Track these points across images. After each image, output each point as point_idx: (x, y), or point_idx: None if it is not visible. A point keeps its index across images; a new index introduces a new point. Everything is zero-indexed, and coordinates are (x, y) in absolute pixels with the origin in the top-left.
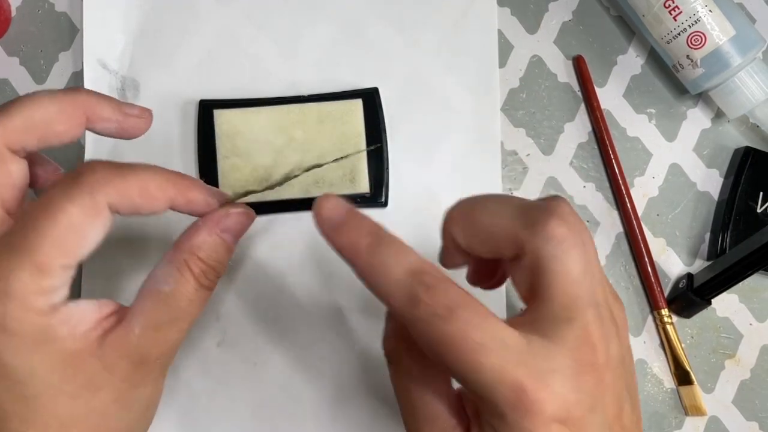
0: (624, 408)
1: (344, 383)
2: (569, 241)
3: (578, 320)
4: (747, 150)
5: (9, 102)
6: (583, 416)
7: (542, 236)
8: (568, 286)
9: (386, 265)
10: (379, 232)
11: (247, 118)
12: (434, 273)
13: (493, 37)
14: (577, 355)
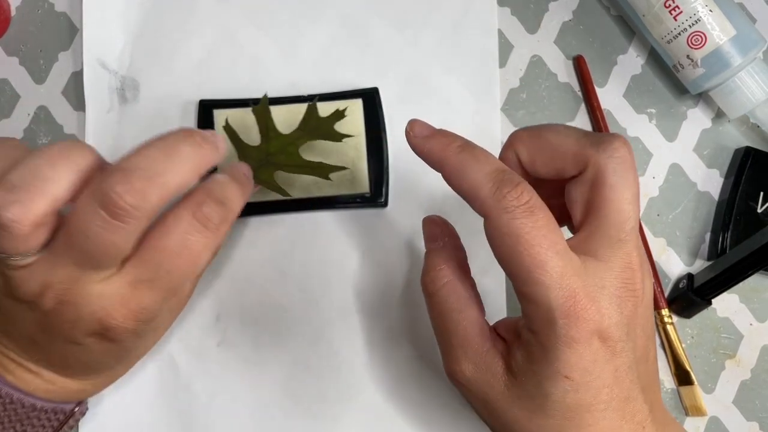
0: (650, 353)
1: (344, 383)
2: (629, 163)
3: (626, 243)
4: (747, 150)
5: (157, 159)
6: (620, 338)
7: (608, 152)
8: (623, 203)
9: (477, 161)
10: (468, 141)
11: (247, 118)
12: (518, 177)
13: (493, 37)
14: (622, 277)
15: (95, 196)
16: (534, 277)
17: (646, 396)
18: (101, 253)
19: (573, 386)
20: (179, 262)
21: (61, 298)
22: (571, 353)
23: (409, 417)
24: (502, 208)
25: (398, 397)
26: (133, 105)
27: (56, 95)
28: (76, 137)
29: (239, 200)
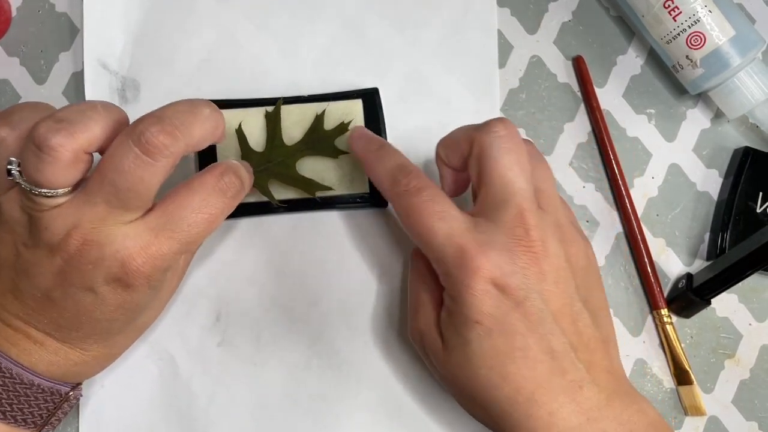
0: (580, 316)
1: (344, 383)
2: (505, 138)
3: (513, 204)
4: (746, 150)
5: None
6: (518, 287)
7: (486, 130)
8: (502, 169)
9: (383, 159)
10: (384, 143)
11: (248, 118)
12: (414, 168)
13: (492, 38)
14: (512, 233)
15: (131, 135)
16: (426, 240)
17: (580, 355)
18: (131, 189)
19: (485, 330)
20: (199, 218)
21: (87, 237)
22: (473, 298)
23: (409, 417)
24: (397, 193)
25: (398, 396)
26: (134, 105)
27: (57, 96)
28: None
29: (249, 182)
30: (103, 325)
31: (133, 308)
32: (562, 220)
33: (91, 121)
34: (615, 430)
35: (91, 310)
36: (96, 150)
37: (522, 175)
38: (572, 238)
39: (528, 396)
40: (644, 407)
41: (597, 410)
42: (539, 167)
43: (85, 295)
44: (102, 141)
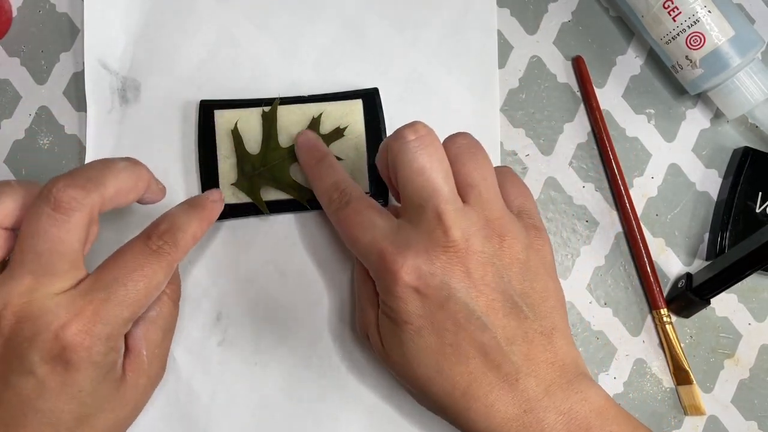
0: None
1: (344, 383)
2: (415, 142)
3: (429, 206)
4: (746, 150)
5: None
6: (438, 287)
7: (394, 138)
8: (413, 174)
9: (321, 177)
10: (325, 156)
11: (248, 118)
12: (348, 184)
13: (492, 38)
14: (430, 235)
15: (41, 197)
16: (355, 249)
17: (515, 348)
18: (51, 250)
19: (415, 330)
20: (135, 277)
21: (18, 313)
22: (398, 301)
23: (409, 417)
24: (331, 212)
25: (398, 396)
26: (134, 105)
27: (57, 96)
28: (78, 138)
29: (192, 227)
30: (48, 418)
31: (77, 395)
32: (493, 214)
33: (3, 195)
34: (554, 420)
35: (33, 398)
36: (12, 224)
37: (435, 176)
38: (505, 231)
39: (463, 390)
40: (588, 395)
41: (535, 401)
42: (469, 161)
43: (26, 380)
44: (16, 214)
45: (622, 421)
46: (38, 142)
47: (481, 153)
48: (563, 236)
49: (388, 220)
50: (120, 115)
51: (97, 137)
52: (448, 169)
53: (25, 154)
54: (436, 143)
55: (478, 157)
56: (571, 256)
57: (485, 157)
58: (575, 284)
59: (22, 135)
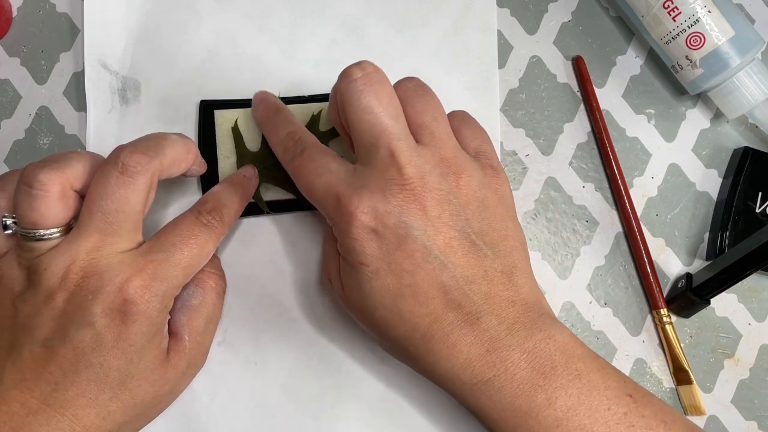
0: (473, 248)
1: (344, 383)
2: (362, 80)
3: (381, 145)
4: (746, 150)
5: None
6: (397, 227)
7: (342, 77)
8: (362, 113)
9: (277, 128)
10: (280, 108)
11: (248, 118)
12: (303, 133)
13: (492, 38)
14: (384, 174)
15: (108, 162)
16: (312, 197)
17: (475, 287)
18: (118, 210)
19: (372, 272)
20: (190, 243)
21: (85, 268)
22: (354, 242)
23: (408, 416)
24: (287, 161)
25: (398, 396)
26: (135, 105)
27: (58, 96)
28: (78, 138)
29: (235, 204)
30: (97, 373)
31: (127, 350)
32: (448, 152)
33: (73, 160)
34: (518, 359)
35: (88, 351)
36: (80, 187)
37: (385, 114)
38: (461, 169)
39: (424, 332)
40: (552, 333)
41: (498, 340)
42: (419, 102)
43: (84, 332)
44: (85, 178)
45: (588, 359)
46: (38, 142)
47: (429, 94)
48: (563, 236)
49: (342, 164)
50: (120, 115)
51: (97, 137)
52: (398, 106)
53: (25, 154)
54: (384, 80)
55: (427, 98)
56: (571, 256)
57: (434, 98)
58: (575, 284)
59: (22, 135)
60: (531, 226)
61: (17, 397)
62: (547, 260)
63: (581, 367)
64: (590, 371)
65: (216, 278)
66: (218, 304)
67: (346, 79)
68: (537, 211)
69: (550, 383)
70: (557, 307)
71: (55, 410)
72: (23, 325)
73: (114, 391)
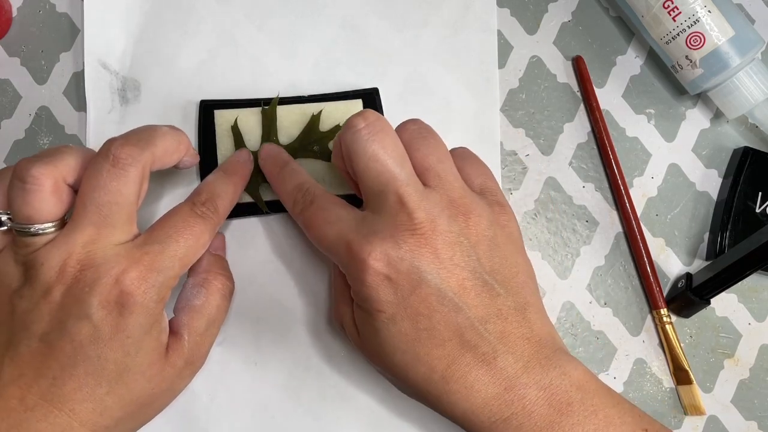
0: (485, 288)
1: (344, 383)
2: (365, 129)
3: (390, 192)
4: (746, 150)
5: (145, 132)
6: (410, 273)
7: (345, 128)
8: (369, 162)
9: (284, 182)
10: (287, 162)
11: (248, 118)
12: (311, 185)
13: (492, 38)
14: (394, 220)
15: (100, 154)
16: (324, 247)
17: (490, 326)
18: (112, 202)
19: (389, 318)
20: (185, 234)
21: (82, 261)
22: (369, 290)
23: (408, 416)
24: (296, 213)
25: (398, 396)
26: (135, 105)
27: (57, 96)
28: (78, 138)
29: (230, 193)
30: (95, 366)
31: (125, 341)
32: (455, 193)
33: (65, 154)
34: (535, 396)
35: (85, 344)
36: (73, 180)
37: (391, 161)
38: (469, 209)
39: (442, 374)
40: (567, 369)
41: (515, 378)
42: (423, 144)
43: (82, 325)
44: (77, 171)
45: (603, 394)
46: (38, 142)
47: (432, 136)
48: (563, 236)
49: (352, 212)
50: (120, 115)
51: (97, 137)
52: (403, 152)
53: (25, 154)
54: (387, 128)
55: (430, 141)
56: (571, 256)
57: (438, 140)
58: (575, 284)
59: (22, 135)
60: (531, 226)
61: (15, 394)
62: (547, 260)
63: (597, 402)
64: (606, 407)
65: (222, 279)
66: (222, 305)
67: (350, 129)
68: (537, 211)
69: (567, 420)
70: (557, 307)
71: (53, 405)
72: (20, 321)
73: (111, 385)
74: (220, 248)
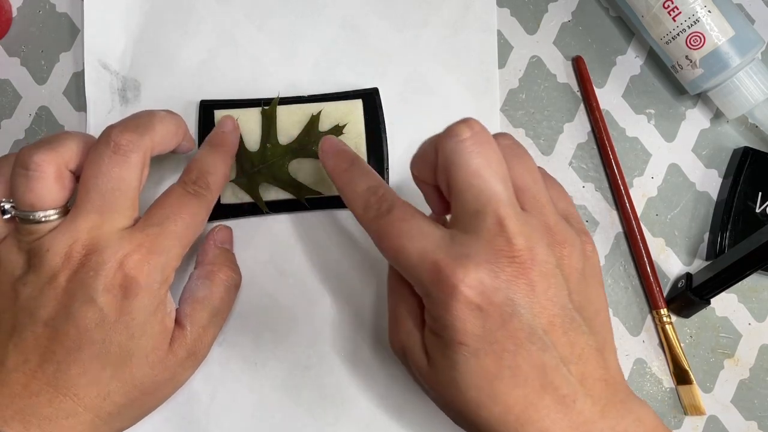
0: (572, 325)
1: (344, 383)
2: (471, 140)
3: (489, 212)
4: (746, 150)
5: (144, 117)
6: (503, 303)
7: (448, 135)
8: (470, 177)
9: (353, 181)
10: (355, 159)
11: (248, 118)
12: (385, 188)
13: (492, 38)
14: (491, 244)
15: (100, 141)
16: (401, 261)
17: (572, 367)
18: (114, 188)
19: (471, 352)
20: (182, 214)
21: (87, 246)
22: (455, 320)
23: (408, 417)
24: (368, 218)
25: (398, 396)
26: (135, 105)
27: (57, 96)
28: None
29: (219, 167)
30: (99, 350)
31: (129, 324)
32: (550, 219)
33: (66, 140)
34: None
35: (90, 328)
36: (75, 167)
37: (495, 178)
38: (564, 238)
39: (518, 415)
40: (641, 415)
41: (591, 423)
42: (518, 163)
43: (87, 308)
44: (79, 158)
45: None
46: None
47: (527, 154)
48: None
49: (437, 228)
50: (120, 115)
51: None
52: (506, 170)
53: None
54: (493, 142)
55: (526, 159)
56: None
57: (532, 159)
58: None
59: (22, 135)
60: None
61: (19, 379)
62: None
63: None
64: None
65: (227, 271)
66: (227, 297)
67: (453, 137)
68: None
69: None
70: None
71: (58, 390)
72: (25, 307)
73: (114, 368)
74: (227, 241)
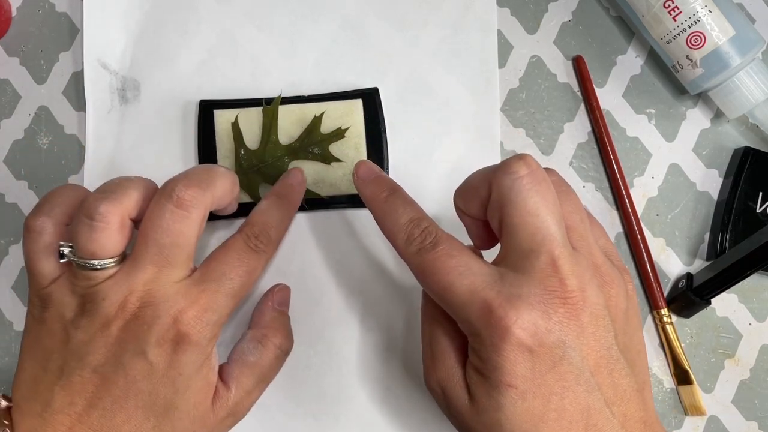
0: (617, 367)
1: (344, 383)
2: (528, 178)
3: (543, 252)
4: (746, 150)
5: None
6: (555, 345)
7: (504, 171)
8: (526, 216)
9: (395, 212)
10: (395, 188)
11: (248, 118)
12: (429, 221)
13: (492, 37)
14: (544, 285)
15: (163, 194)
16: (448, 299)
17: (615, 409)
18: (173, 243)
19: (519, 394)
20: (240, 272)
21: (143, 299)
22: (505, 361)
23: (408, 417)
24: (411, 252)
25: (398, 396)
26: (134, 105)
27: (57, 95)
28: (77, 137)
29: (283, 222)
30: (145, 401)
31: (176, 378)
32: (598, 259)
33: (129, 189)
34: None
35: (139, 379)
36: (136, 215)
37: (551, 218)
38: (611, 278)
39: None
40: None
41: None
42: (567, 201)
43: (137, 361)
44: (141, 206)
45: None
46: (38, 142)
47: (573, 191)
48: None
49: (486, 266)
50: (119, 114)
51: (97, 137)
52: (560, 210)
53: (24, 154)
54: (548, 180)
55: (572, 197)
56: None
57: (577, 196)
58: None
59: (22, 135)
60: None
61: (64, 421)
62: None
63: None
64: None
65: (281, 338)
66: (275, 365)
67: (510, 174)
68: None
69: None
70: None
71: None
72: (75, 351)
73: (157, 420)
74: (285, 303)
